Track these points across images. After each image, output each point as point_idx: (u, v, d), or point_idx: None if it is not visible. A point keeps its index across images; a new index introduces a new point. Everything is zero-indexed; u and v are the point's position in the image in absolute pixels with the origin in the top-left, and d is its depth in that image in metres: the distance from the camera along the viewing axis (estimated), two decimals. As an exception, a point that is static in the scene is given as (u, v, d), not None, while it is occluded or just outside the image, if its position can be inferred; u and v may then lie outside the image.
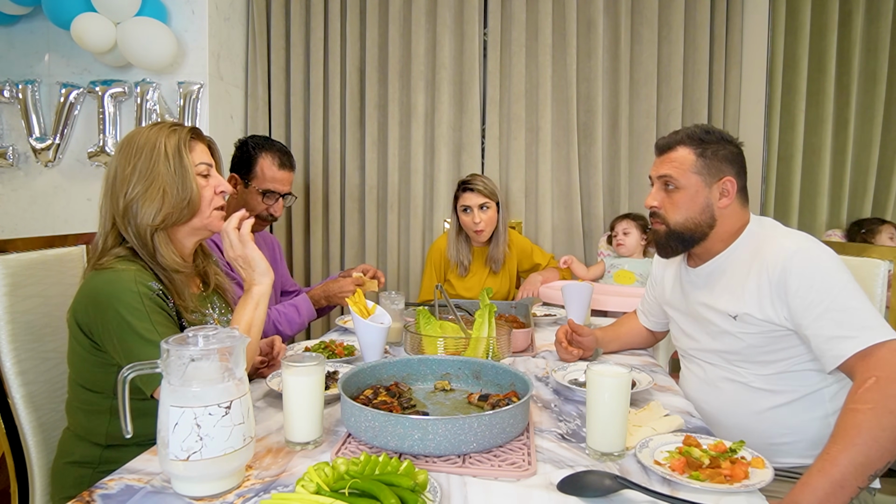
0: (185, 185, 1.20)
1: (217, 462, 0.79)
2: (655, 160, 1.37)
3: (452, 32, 2.92)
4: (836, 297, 1.11)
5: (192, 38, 2.66)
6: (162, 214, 1.18)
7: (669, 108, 2.86)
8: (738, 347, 1.28)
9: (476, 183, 2.31)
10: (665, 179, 1.32)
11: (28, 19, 2.76)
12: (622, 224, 2.58)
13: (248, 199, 1.93)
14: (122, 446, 1.17)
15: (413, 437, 0.88)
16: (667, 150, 1.33)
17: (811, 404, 1.24)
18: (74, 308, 1.17)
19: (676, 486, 0.84)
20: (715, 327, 1.32)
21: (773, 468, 0.85)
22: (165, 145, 1.20)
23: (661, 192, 1.33)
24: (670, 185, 1.31)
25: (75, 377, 1.21)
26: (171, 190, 1.19)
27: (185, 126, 1.27)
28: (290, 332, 1.84)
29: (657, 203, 1.34)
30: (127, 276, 1.13)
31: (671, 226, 1.32)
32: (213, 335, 0.83)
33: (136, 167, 1.18)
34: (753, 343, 1.25)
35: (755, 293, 1.22)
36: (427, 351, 1.31)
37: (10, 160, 2.81)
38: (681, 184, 1.30)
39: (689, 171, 1.29)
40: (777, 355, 1.24)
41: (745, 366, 1.29)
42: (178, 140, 1.21)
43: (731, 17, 2.84)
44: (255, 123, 3.01)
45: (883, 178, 2.86)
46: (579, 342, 1.51)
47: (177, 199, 1.19)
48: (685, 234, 1.32)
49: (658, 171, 1.34)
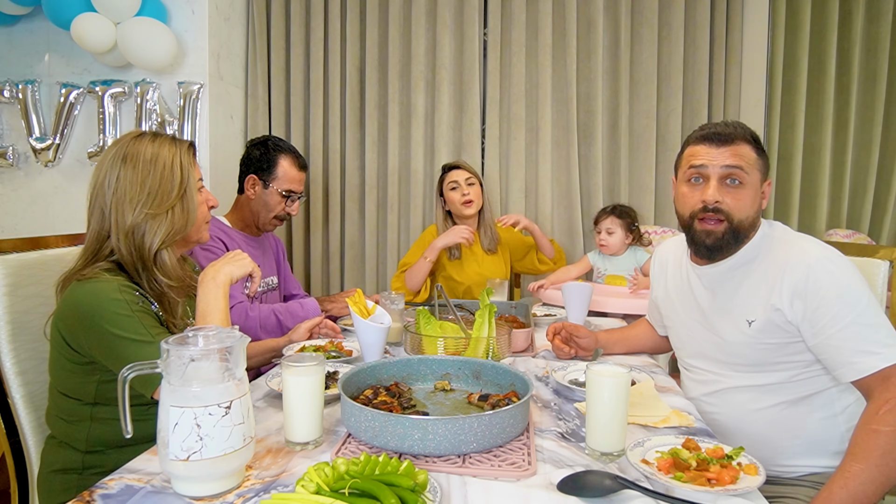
0: (191, 207, 1.21)
1: (217, 462, 0.79)
2: (705, 149, 1.23)
3: (452, 32, 2.92)
4: (862, 311, 1.09)
5: (192, 38, 2.66)
6: (167, 235, 1.18)
7: (669, 108, 2.87)
8: (749, 353, 1.23)
9: (459, 163, 2.43)
10: (732, 173, 1.21)
11: (28, 19, 2.76)
12: (606, 222, 2.41)
13: (268, 200, 1.95)
14: (102, 451, 1.17)
15: (413, 437, 0.88)
16: (729, 143, 1.21)
17: (818, 405, 1.22)
18: (57, 320, 1.16)
19: (655, 484, 0.84)
20: (725, 331, 1.27)
21: (766, 474, 0.84)
22: (174, 164, 1.19)
23: (722, 187, 1.22)
24: (736, 179, 1.21)
25: (55, 385, 1.20)
26: (178, 211, 1.19)
27: (184, 141, 1.26)
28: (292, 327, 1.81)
29: (721, 199, 1.21)
30: (111, 285, 1.12)
31: (735, 223, 1.21)
32: (213, 335, 0.83)
33: (146, 186, 1.17)
34: (767, 349, 1.21)
35: (773, 297, 1.18)
36: (427, 351, 1.31)
37: (10, 160, 2.81)
38: (748, 179, 1.21)
39: (754, 168, 1.22)
40: (792, 359, 1.20)
41: (752, 371, 1.25)
42: (183, 158, 1.21)
43: (731, 16, 2.84)
44: (255, 123, 3.01)
45: (883, 178, 2.86)
46: (577, 343, 1.51)
47: (181, 219, 1.20)
48: (742, 233, 1.23)
49: (724, 161, 1.20)
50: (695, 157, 1.25)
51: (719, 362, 1.31)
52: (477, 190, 2.38)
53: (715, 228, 1.23)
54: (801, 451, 1.23)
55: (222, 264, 1.26)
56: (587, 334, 1.51)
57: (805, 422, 1.22)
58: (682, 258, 1.43)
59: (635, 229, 2.42)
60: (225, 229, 1.93)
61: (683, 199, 1.29)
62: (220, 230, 1.89)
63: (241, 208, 2.01)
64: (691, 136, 1.30)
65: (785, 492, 1.20)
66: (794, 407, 1.22)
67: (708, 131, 1.25)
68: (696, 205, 1.25)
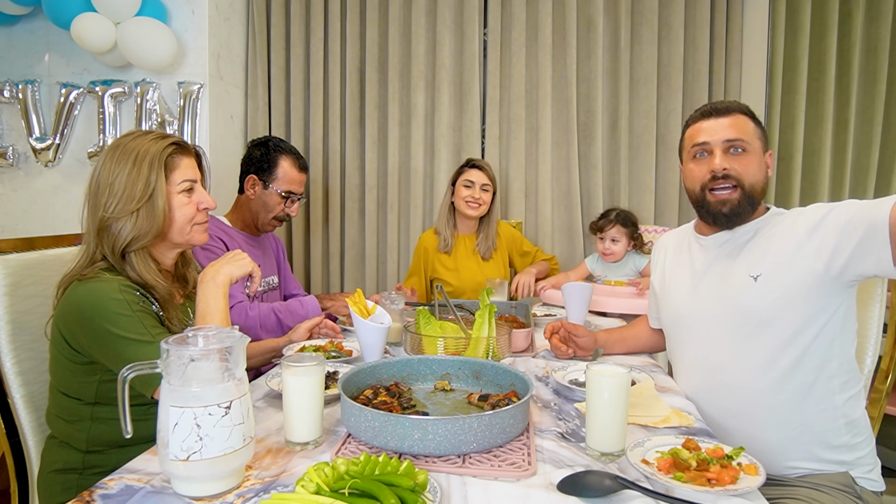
0: (156, 213, 1.18)
1: (217, 462, 0.79)
2: (705, 125, 1.30)
3: (452, 32, 2.92)
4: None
5: (192, 38, 2.66)
6: (132, 235, 1.16)
7: (669, 108, 2.87)
8: (751, 305, 1.23)
9: (484, 164, 2.40)
10: (734, 143, 1.26)
11: (28, 19, 2.76)
12: (612, 231, 2.37)
13: (267, 200, 1.95)
14: (102, 451, 1.17)
15: (413, 437, 0.88)
16: (725, 114, 1.28)
17: (818, 397, 1.21)
18: (58, 319, 1.16)
19: (655, 484, 0.84)
20: (728, 289, 1.28)
21: (766, 474, 0.84)
22: (144, 163, 1.17)
23: (727, 156, 1.27)
24: (739, 148, 1.26)
25: (56, 384, 1.20)
26: (143, 215, 1.17)
27: (169, 139, 1.22)
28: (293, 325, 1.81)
29: (728, 166, 1.26)
30: (111, 285, 1.12)
31: (746, 188, 1.26)
32: (213, 335, 0.83)
33: (117, 181, 1.16)
34: (771, 301, 1.21)
35: (784, 247, 1.21)
36: (427, 351, 1.31)
37: (10, 160, 2.81)
38: (750, 147, 1.27)
39: (754, 136, 1.28)
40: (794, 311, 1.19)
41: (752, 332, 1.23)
42: (155, 159, 1.18)
43: (731, 17, 2.84)
44: (255, 123, 3.01)
45: (883, 178, 2.86)
46: (575, 343, 1.51)
47: (146, 224, 1.17)
48: (755, 197, 1.27)
49: (725, 135, 1.27)
50: (697, 134, 1.32)
51: (719, 326, 1.29)
52: (488, 197, 2.38)
53: (730, 197, 1.27)
54: (801, 447, 1.22)
55: (222, 264, 1.26)
56: (586, 334, 1.51)
57: (805, 415, 1.21)
58: (684, 238, 1.46)
59: (638, 237, 2.42)
60: (225, 229, 1.93)
61: (692, 174, 1.34)
62: (220, 230, 1.89)
63: (240, 208, 2.01)
64: (690, 118, 1.37)
65: (783, 493, 1.20)
66: (793, 396, 1.21)
67: (704, 109, 1.33)
68: (705, 176, 1.29)
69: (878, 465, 1.25)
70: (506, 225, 2.60)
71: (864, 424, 1.25)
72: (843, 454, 1.22)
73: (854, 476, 1.21)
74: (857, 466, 1.22)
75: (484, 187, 2.36)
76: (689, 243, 1.44)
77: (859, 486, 1.21)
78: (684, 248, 1.45)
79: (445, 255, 2.44)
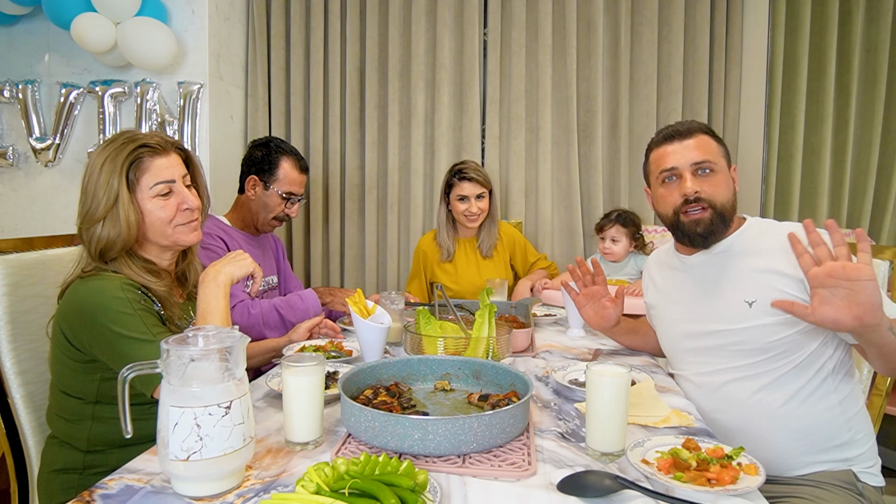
0: (117, 218, 1.15)
1: (217, 462, 0.79)
2: (670, 148, 1.31)
3: (452, 32, 2.92)
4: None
5: (192, 38, 2.66)
6: (104, 242, 1.16)
7: (669, 108, 2.87)
8: (756, 336, 1.23)
9: (471, 172, 2.31)
10: (700, 165, 1.28)
11: (28, 19, 2.76)
12: (611, 231, 2.39)
13: (267, 201, 1.95)
14: (102, 451, 1.17)
15: (413, 437, 0.88)
16: (688, 136, 1.30)
17: (818, 397, 1.22)
18: (59, 317, 1.16)
19: (655, 484, 0.84)
20: (724, 316, 1.28)
21: (766, 474, 0.84)
22: (104, 172, 1.15)
23: (696, 178, 1.29)
24: (706, 169, 1.28)
25: (57, 383, 1.20)
26: (109, 224, 1.15)
27: (138, 142, 1.18)
28: (295, 320, 1.81)
29: (699, 188, 1.28)
30: (113, 283, 1.12)
31: (718, 207, 1.28)
32: (213, 335, 0.83)
33: (88, 188, 1.16)
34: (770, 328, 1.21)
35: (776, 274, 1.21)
36: (427, 351, 1.31)
37: (10, 160, 2.81)
38: (717, 167, 1.29)
39: (719, 156, 1.30)
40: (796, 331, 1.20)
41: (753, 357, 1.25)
42: (117, 167, 1.15)
43: (731, 17, 2.84)
44: (255, 123, 3.01)
45: (883, 178, 2.86)
46: (593, 291, 1.51)
47: (113, 232, 1.16)
48: (727, 215, 1.29)
49: (692, 158, 1.28)
50: (663, 159, 1.33)
51: (719, 350, 1.30)
52: (485, 204, 2.35)
53: (702, 216, 1.29)
54: (803, 447, 1.23)
55: (223, 264, 1.25)
56: (603, 281, 1.52)
57: (805, 414, 1.22)
58: (666, 259, 1.47)
59: (639, 238, 2.41)
60: (225, 228, 1.93)
61: (663, 199, 1.35)
62: (220, 230, 1.89)
63: (240, 208, 2.01)
64: (652, 142, 1.38)
65: (787, 491, 1.20)
66: (794, 398, 1.22)
67: (666, 132, 1.34)
68: (676, 200, 1.31)
69: (878, 461, 1.26)
70: (508, 226, 2.59)
71: (864, 420, 1.26)
72: (845, 451, 1.23)
73: (856, 471, 1.22)
74: (859, 462, 1.23)
75: (479, 196, 2.32)
76: (671, 265, 1.45)
77: (861, 483, 1.21)
78: (667, 270, 1.46)
79: (447, 262, 2.44)
